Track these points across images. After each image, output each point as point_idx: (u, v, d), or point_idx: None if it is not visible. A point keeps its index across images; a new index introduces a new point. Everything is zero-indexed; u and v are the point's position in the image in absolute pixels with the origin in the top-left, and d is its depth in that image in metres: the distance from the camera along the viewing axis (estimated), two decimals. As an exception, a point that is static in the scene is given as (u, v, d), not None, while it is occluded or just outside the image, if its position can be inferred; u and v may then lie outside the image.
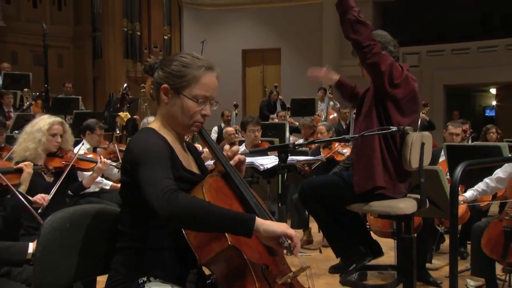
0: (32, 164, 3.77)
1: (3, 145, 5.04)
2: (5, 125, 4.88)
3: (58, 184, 3.94)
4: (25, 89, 10.83)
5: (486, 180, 4.61)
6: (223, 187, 2.01)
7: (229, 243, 1.81)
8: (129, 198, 1.98)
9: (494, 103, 18.01)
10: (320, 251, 5.83)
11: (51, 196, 3.74)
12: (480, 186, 4.58)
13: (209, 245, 1.84)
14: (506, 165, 4.58)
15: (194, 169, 2.11)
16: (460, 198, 4.51)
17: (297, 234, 1.83)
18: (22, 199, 3.48)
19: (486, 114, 18.66)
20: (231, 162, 2.14)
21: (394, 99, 3.12)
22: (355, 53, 3.20)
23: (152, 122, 2.10)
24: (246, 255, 1.85)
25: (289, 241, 1.80)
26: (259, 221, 1.76)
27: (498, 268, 4.24)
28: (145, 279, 1.89)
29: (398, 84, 3.09)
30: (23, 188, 3.63)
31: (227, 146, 2.28)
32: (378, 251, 3.34)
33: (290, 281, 1.95)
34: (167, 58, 2.09)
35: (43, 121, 4.07)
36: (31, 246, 2.68)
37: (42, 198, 3.60)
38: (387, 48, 3.17)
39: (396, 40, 3.35)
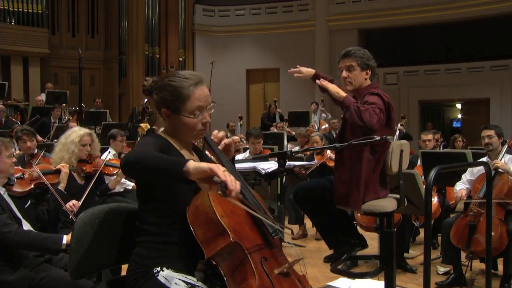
0: (68, 165, 3.81)
1: (35, 152, 4.81)
2: (34, 133, 4.75)
3: (89, 188, 3.94)
4: (63, 104, 10.98)
5: (460, 183, 4.59)
6: None
7: (231, 239, 1.78)
8: (144, 199, 1.97)
9: (459, 116, 17.99)
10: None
11: (81, 201, 3.74)
12: (463, 187, 4.53)
13: (214, 240, 1.80)
14: (470, 169, 4.57)
15: None
16: (463, 193, 4.45)
17: (231, 176, 1.59)
18: (58, 197, 3.52)
19: (454, 125, 18.57)
20: (219, 147, 2.11)
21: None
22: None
23: (160, 131, 2.09)
24: (246, 249, 1.82)
25: (218, 179, 1.57)
26: (190, 161, 1.63)
27: (463, 255, 4.28)
28: (158, 268, 1.87)
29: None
30: (62, 186, 3.71)
31: (215, 132, 2.19)
32: (364, 243, 3.30)
33: (286, 270, 1.92)
34: (160, 81, 2.03)
35: (75, 133, 4.08)
36: (65, 238, 2.73)
37: (73, 205, 3.63)
38: (374, 74, 3.13)
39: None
